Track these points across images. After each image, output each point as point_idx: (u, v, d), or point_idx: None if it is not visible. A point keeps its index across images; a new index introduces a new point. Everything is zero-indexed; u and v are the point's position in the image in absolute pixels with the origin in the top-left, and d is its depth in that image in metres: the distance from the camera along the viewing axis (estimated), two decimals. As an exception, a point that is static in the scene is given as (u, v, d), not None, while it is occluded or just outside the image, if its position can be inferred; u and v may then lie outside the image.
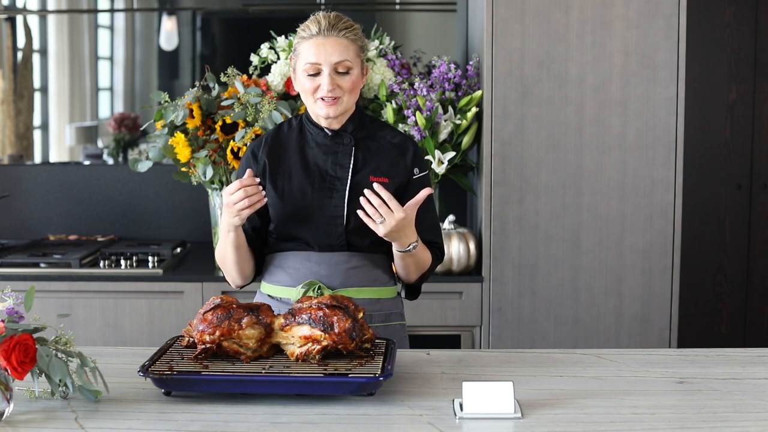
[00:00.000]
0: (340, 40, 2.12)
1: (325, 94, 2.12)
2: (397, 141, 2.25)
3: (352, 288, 2.21)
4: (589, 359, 2.14)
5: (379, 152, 2.23)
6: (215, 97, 3.24)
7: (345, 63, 2.12)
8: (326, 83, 2.11)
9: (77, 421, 1.72)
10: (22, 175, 3.83)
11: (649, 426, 1.70)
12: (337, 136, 2.21)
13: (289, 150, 2.23)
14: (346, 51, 2.13)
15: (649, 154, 3.19)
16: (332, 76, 2.12)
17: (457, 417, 1.74)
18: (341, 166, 2.20)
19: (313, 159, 2.21)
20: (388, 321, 2.27)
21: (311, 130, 2.23)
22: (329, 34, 2.12)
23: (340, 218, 2.18)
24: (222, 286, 3.16)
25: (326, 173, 2.20)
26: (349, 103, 2.17)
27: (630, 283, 3.22)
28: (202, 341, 1.90)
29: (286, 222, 2.20)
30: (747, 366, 2.08)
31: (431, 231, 2.28)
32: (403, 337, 2.31)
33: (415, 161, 2.25)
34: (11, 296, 1.80)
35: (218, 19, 3.99)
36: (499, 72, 3.17)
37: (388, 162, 2.22)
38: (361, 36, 2.19)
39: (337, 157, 2.21)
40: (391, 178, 2.21)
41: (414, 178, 2.24)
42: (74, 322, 3.16)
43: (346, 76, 2.14)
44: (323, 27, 2.13)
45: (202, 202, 3.74)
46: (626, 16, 3.15)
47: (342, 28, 2.13)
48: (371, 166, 2.21)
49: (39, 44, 3.95)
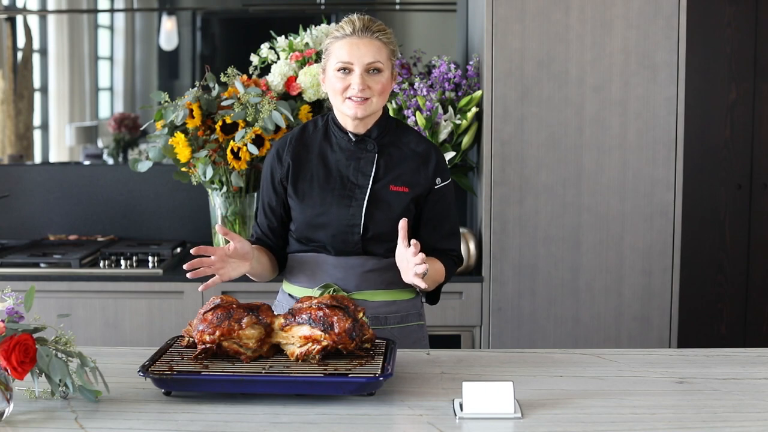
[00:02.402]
0: (373, 42, 2.13)
1: (355, 94, 2.12)
2: (420, 150, 2.24)
3: (368, 291, 2.22)
4: (589, 359, 2.14)
5: (402, 161, 2.22)
6: (215, 97, 3.24)
7: (377, 64, 2.13)
8: (357, 83, 2.11)
9: (77, 421, 1.72)
10: (22, 175, 3.83)
11: (649, 426, 1.70)
12: (361, 142, 2.21)
13: (312, 152, 2.23)
14: (378, 52, 2.13)
15: (649, 154, 3.19)
16: (363, 76, 2.12)
17: (457, 417, 1.74)
18: (363, 174, 2.19)
19: (335, 164, 2.21)
20: (405, 322, 2.27)
21: (336, 133, 2.23)
22: (363, 35, 2.13)
23: (357, 227, 2.18)
24: (222, 286, 3.16)
25: (347, 180, 2.20)
26: (378, 106, 2.17)
27: (630, 283, 3.22)
28: (202, 341, 1.90)
29: (304, 225, 2.21)
30: (747, 366, 2.08)
31: (448, 240, 2.28)
32: (421, 337, 2.31)
33: (437, 171, 2.24)
34: (11, 296, 1.80)
35: (218, 19, 3.99)
36: (499, 72, 3.17)
37: (410, 171, 2.21)
38: (394, 41, 2.19)
39: (360, 163, 2.20)
40: (411, 187, 2.21)
41: (435, 188, 2.24)
42: (74, 322, 3.16)
43: (377, 77, 2.13)
44: (357, 28, 2.13)
45: (202, 202, 3.73)
46: (626, 16, 3.15)
47: (376, 30, 2.14)
48: (392, 175, 2.20)
49: (39, 44, 3.95)
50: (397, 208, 2.19)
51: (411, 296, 2.29)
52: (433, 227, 2.26)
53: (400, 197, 2.19)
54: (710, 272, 4.14)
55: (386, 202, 2.19)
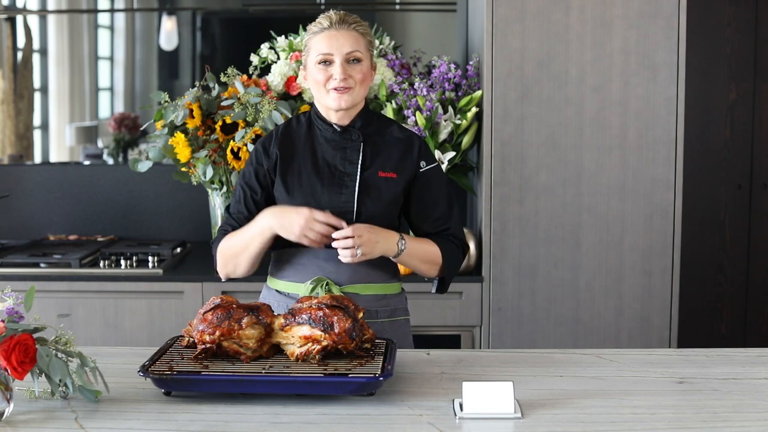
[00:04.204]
0: (351, 32, 2.20)
1: (337, 84, 2.17)
2: (403, 137, 2.30)
3: (359, 284, 2.23)
4: (589, 359, 2.14)
5: (387, 148, 2.27)
6: (215, 97, 3.24)
7: (356, 53, 2.19)
8: (338, 72, 2.17)
9: (77, 421, 1.72)
10: (22, 175, 3.83)
11: (649, 426, 1.70)
12: (345, 132, 2.26)
13: (298, 145, 2.27)
14: (357, 42, 2.20)
15: (649, 154, 3.19)
16: (344, 66, 2.18)
17: (457, 417, 1.74)
18: (350, 162, 2.23)
19: (322, 155, 2.25)
20: (394, 316, 2.31)
21: (320, 125, 2.27)
22: (340, 27, 2.20)
23: (350, 214, 2.21)
24: (222, 286, 3.16)
25: (335, 169, 2.23)
26: (359, 96, 2.22)
27: (630, 283, 3.22)
28: (202, 341, 1.90)
29: None
30: (747, 366, 2.08)
31: (440, 222, 2.30)
32: (408, 332, 2.35)
33: (422, 155, 2.29)
34: (11, 296, 1.80)
35: (218, 19, 3.99)
36: (499, 72, 3.17)
37: (396, 158, 2.27)
38: (370, 32, 2.26)
39: (346, 152, 2.24)
40: (399, 173, 2.26)
41: (421, 170, 2.28)
42: (74, 322, 3.16)
43: (358, 66, 2.19)
44: (334, 21, 2.21)
45: (202, 202, 3.74)
46: (626, 16, 3.15)
47: (352, 22, 2.22)
48: (379, 162, 2.25)
49: (39, 44, 3.95)
50: (387, 194, 2.23)
51: (398, 291, 2.34)
52: (424, 212, 2.30)
53: (389, 183, 2.24)
54: (710, 272, 4.14)
55: (376, 189, 2.23)
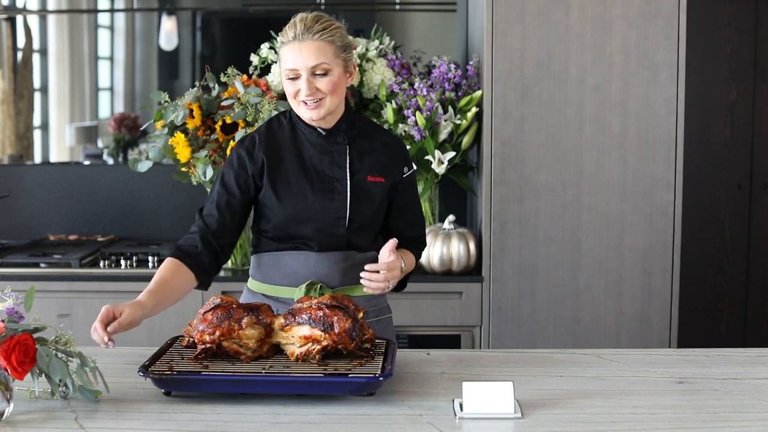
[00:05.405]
0: (315, 44, 2.11)
1: (305, 98, 2.13)
2: (389, 141, 2.30)
3: (348, 286, 2.23)
4: (589, 359, 2.14)
5: (373, 152, 2.26)
6: (215, 97, 3.24)
7: (322, 66, 2.12)
8: (305, 88, 2.12)
9: (77, 421, 1.72)
10: (22, 175, 3.83)
11: (649, 426, 1.70)
12: (330, 135, 2.23)
13: (284, 149, 2.23)
14: (322, 54, 2.11)
15: (649, 154, 3.19)
16: (310, 80, 2.12)
17: (457, 417, 1.74)
18: (338, 167, 2.22)
19: (309, 159, 2.22)
20: (380, 315, 2.33)
21: (303, 129, 2.23)
22: (304, 38, 2.11)
23: (342, 219, 2.20)
24: (222, 286, 3.16)
25: (324, 174, 2.21)
26: (333, 104, 2.17)
27: (630, 283, 3.22)
28: (202, 341, 1.90)
29: (285, 223, 2.20)
30: (747, 366, 2.08)
31: (414, 227, 2.35)
32: (392, 328, 2.38)
33: (405, 160, 2.31)
34: (11, 296, 1.80)
35: (218, 19, 3.98)
36: (499, 72, 3.17)
37: (383, 162, 2.26)
38: (342, 35, 2.17)
39: (333, 156, 2.22)
40: (386, 177, 2.26)
41: (404, 176, 2.30)
42: (74, 322, 3.15)
43: (325, 78, 2.13)
44: (298, 31, 2.12)
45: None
46: (626, 16, 3.15)
47: (317, 31, 2.12)
48: (367, 167, 2.24)
49: (39, 44, 3.95)
50: (377, 198, 2.24)
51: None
52: (401, 215, 2.32)
53: (378, 187, 2.24)
54: (710, 272, 4.14)
55: (367, 193, 2.22)
